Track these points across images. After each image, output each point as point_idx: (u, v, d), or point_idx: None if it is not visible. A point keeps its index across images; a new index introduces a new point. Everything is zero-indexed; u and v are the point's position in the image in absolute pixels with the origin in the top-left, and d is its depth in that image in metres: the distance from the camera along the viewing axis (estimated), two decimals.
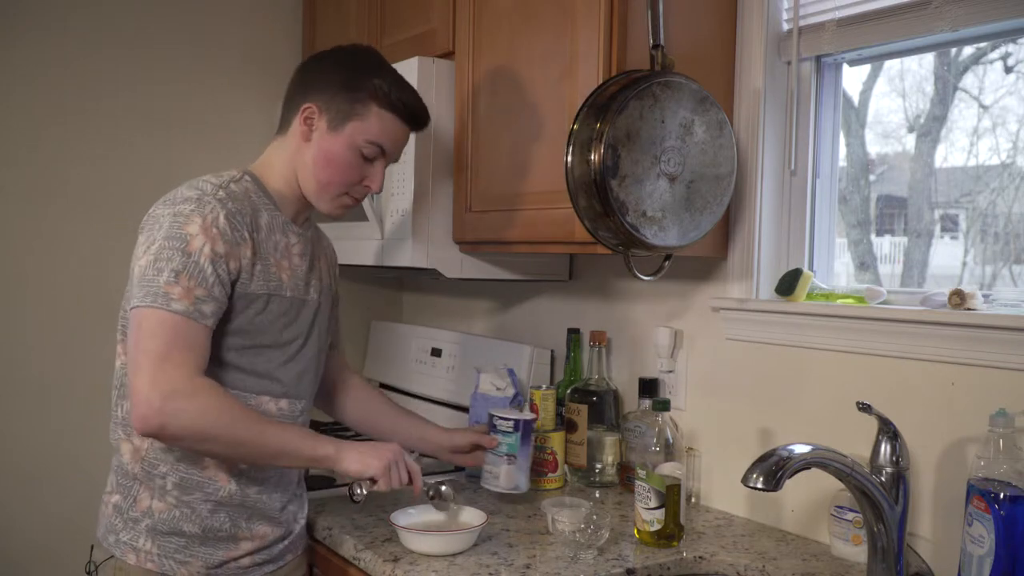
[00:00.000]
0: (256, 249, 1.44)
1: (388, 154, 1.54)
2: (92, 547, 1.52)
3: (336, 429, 2.10)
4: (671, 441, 1.57)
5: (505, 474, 1.70)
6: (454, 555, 1.48)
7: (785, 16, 1.72)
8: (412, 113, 1.54)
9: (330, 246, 1.74)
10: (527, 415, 1.73)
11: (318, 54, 1.58)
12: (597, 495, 1.85)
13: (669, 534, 1.54)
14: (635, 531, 1.58)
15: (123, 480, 1.47)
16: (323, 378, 1.71)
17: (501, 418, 1.71)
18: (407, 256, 1.94)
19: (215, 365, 1.42)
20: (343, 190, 1.52)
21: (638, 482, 1.56)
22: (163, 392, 1.29)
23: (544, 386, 1.94)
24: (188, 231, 1.36)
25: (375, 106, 1.49)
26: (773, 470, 1.23)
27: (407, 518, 1.57)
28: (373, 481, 1.44)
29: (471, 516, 1.58)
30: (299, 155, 1.51)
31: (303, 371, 1.55)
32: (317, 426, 2.02)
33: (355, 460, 1.43)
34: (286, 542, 1.57)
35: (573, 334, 2.05)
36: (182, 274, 1.34)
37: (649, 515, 1.54)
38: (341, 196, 1.53)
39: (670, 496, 1.53)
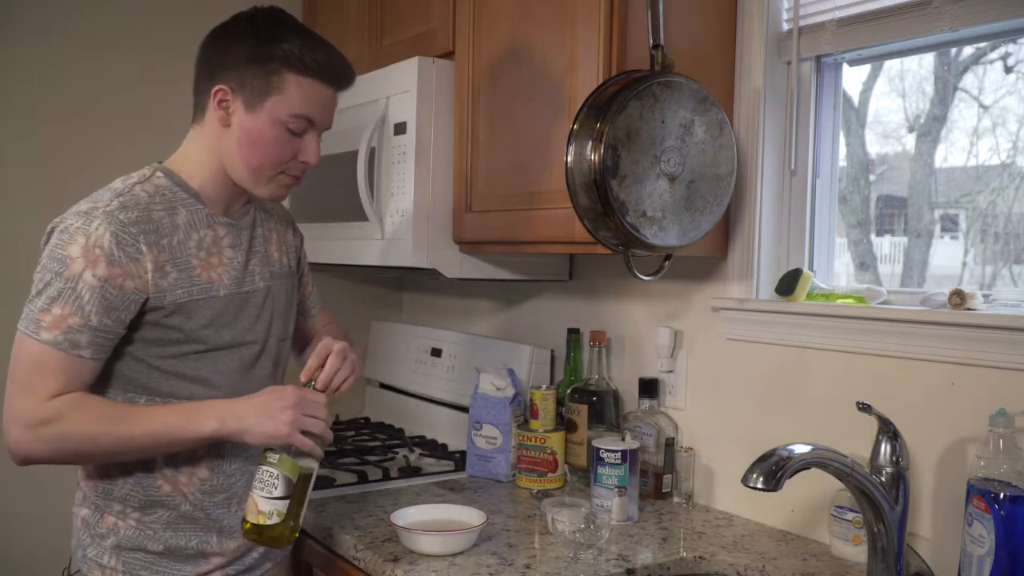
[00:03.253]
0: (165, 257, 1.33)
1: (317, 124, 1.40)
2: (71, 557, 1.47)
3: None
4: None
5: (617, 506, 1.66)
6: (454, 555, 1.48)
7: (785, 16, 1.72)
8: (332, 72, 1.39)
9: (284, 218, 1.61)
10: (631, 444, 1.69)
11: (219, 28, 1.41)
12: None
13: (279, 535, 1.32)
14: (243, 525, 1.33)
15: (90, 494, 1.42)
16: (305, 341, 1.69)
17: (608, 451, 1.67)
18: (407, 256, 1.94)
19: (155, 375, 1.36)
20: (277, 170, 1.40)
21: (264, 467, 1.32)
22: (21, 424, 1.27)
23: (544, 386, 1.94)
24: (68, 253, 1.28)
25: (290, 74, 1.35)
26: (773, 470, 1.23)
27: (407, 518, 1.57)
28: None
29: (471, 516, 1.58)
30: (222, 143, 1.39)
31: (261, 372, 1.47)
32: None
33: (256, 434, 1.31)
34: (261, 550, 1.49)
35: (573, 334, 2.05)
36: (57, 301, 1.27)
37: (269, 505, 1.30)
38: (276, 177, 1.41)
39: (300, 487, 1.32)
